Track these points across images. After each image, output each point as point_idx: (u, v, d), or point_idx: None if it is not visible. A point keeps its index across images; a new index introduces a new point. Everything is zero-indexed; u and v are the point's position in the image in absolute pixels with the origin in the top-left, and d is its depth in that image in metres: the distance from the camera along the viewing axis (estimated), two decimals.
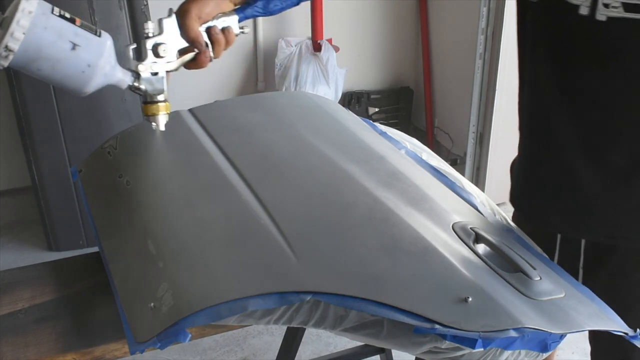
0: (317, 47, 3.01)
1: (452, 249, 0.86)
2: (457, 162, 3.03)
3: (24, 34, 0.67)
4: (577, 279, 1.02)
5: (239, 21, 0.85)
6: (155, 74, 0.82)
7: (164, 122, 0.86)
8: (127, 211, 1.02)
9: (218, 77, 3.10)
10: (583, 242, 1.05)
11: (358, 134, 1.20)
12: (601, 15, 0.85)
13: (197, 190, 1.01)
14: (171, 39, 0.80)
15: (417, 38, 3.38)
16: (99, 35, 0.73)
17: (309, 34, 3.05)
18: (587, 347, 1.13)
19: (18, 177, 2.88)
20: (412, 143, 1.23)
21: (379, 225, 0.91)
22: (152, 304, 0.79)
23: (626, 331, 0.79)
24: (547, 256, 0.95)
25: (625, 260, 1.02)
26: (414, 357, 1.08)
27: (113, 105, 2.53)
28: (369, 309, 0.75)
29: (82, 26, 0.74)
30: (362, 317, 0.80)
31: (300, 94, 1.58)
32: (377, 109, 3.40)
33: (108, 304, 0.95)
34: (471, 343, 0.72)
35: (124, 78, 0.79)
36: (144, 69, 0.81)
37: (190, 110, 1.30)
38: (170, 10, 0.80)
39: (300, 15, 3.06)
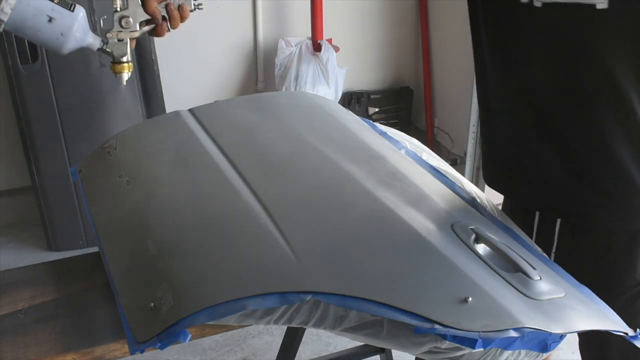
0: (317, 47, 3.01)
1: (452, 249, 0.85)
2: (457, 162, 3.03)
3: (11, 9, 0.89)
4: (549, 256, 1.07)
5: None
6: (121, 40, 1.02)
7: (126, 78, 1.05)
8: (127, 211, 1.02)
9: (218, 77, 3.10)
10: (558, 222, 1.07)
11: (358, 134, 1.20)
12: (537, 1, 0.90)
13: (197, 190, 1.01)
14: (135, 12, 0.99)
15: (417, 38, 3.38)
16: (72, 10, 0.94)
17: (309, 34, 3.05)
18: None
19: (18, 177, 2.88)
20: (412, 143, 1.23)
21: (378, 225, 0.91)
22: (152, 304, 0.79)
23: (626, 331, 0.79)
24: (547, 256, 0.95)
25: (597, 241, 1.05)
26: (414, 357, 1.08)
27: (113, 105, 2.53)
28: (369, 309, 0.75)
29: (58, 3, 0.94)
30: (362, 317, 0.80)
31: (300, 94, 1.58)
32: (377, 109, 3.40)
33: (108, 304, 0.95)
34: (471, 343, 0.72)
35: (94, 42, 0.99)
36: (111, 36, 1.01)
37: (190, 110, 1.30)
38: None
39: (300, 15, 3.06)
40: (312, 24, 3.01)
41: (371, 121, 1.32)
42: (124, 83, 1.06)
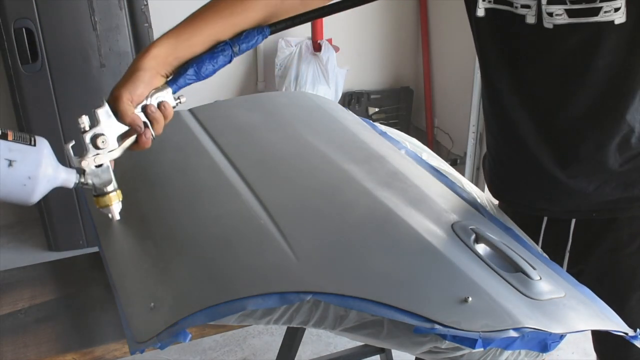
0: (317, 47, 3.01)
1: (452, 249, 0.85)
2: (457, 162, 3.03)
3: None
4: (562, 262, 1.06)
5: (174, 92, 0.85)
6: (100, 165, 0.81)
7: (118, 210, 0.85)
8: (127, 211, 1.02)
9: (218, 77, 3.09)
10: (573, 222, 1.06)
11: (358, 134, 1.20)
12: (548, 23, 0.89)
13: (197, 190, 1.01)
14: (109, 126, 0.79)
15: (417, 38, 3.38)
16: (34, 144, 0.74)
17: (309, 34, 3.05)
18: (587, 347, 1.13)
19: None
20: (412, 143, 1.23)
21: (378, 225, 0.91)
22: (152, 304, 0.79)
23: (626, 331, 0.79)
24: (547, 256, 0.95)
25: (616, 236, 1.03)
26: (414, 357, 1.08)
27: None
28: (369, 309, 0.75)
29: (15, 139, 0.73)
30: (362, 317, 0.80)
31: (300, 94, 1.58)
32: (377, 109, 3.40)
33: (108, 304, 0.95)
34: (471, 343, 0.72)
35: (68, 177, 0.79)
36: (87, 163, 0.80)
37: (190, 110, 1.31)
38: (102, 99, 0.80)
39: None
40: (312, 24, 3.01)
41: (371, 121, 1.32)
42: (117, 217, 0.85)
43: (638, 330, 0.80)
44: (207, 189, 1.01)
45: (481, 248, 0.88)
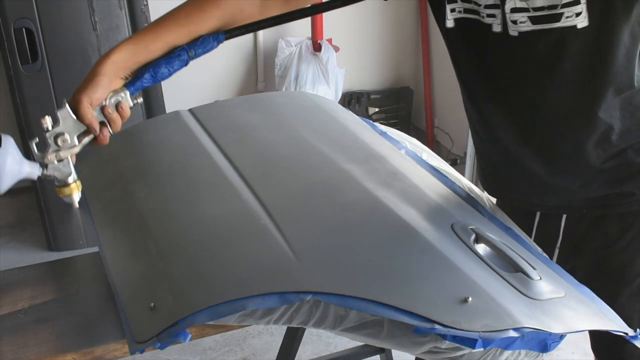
0: (317, 47, 3.01)
1: (452, 249, 0.85)
2: (457, 162, 3.03)
3: None
4: (552, 258, 1.07)
5: (132, 94, 0.91)
6: (61, 160, 0.89)
7: (78, 199, 0.94)
8: (127, 211, 1.02)
9: (218, 77, 3.10)
10: (564, 218, 1.07)
11: (358, 134, 1.20)
12: (513, 31, 0.91)
13: (197, 190, 1.01)
14: (70, 125, 0.87)
15: (417, 38, 3.37)
16: None
17: (309, 34, 3.04)
18: (587, 347, 1.13)
19: None
20: (412, 143, 1.23)
21: (378, 225, 0.91)
22: (152, 304, 0.79)
23: (626, 331, 0.79)
24: (547, 256, 0.95)
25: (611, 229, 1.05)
26: (414, 357, 1.08)
27: None
28: (369, 309, 0.75)
29: None
30: (362, 317, 0.80)
31: (300, 94, 1.58)
32: (377, 109, 3.40)
33: (108, 304, 0.95)
34: (471, 343, 0.72)
35: (32, 171, 0.87)
36: (49, 159, 0.88)
37: (190, 110, 1.31)
38: (63, 101, 0.87)
39: None
40: (312, 24, 3.01)
41: (371, 121, 1.32)
42: (77, 205, 0.93)
43: (638, 330, 0.80)
44: (207, 189, 1.01)
45: (481, 248, 0.88)
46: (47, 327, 0.93)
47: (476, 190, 1.09)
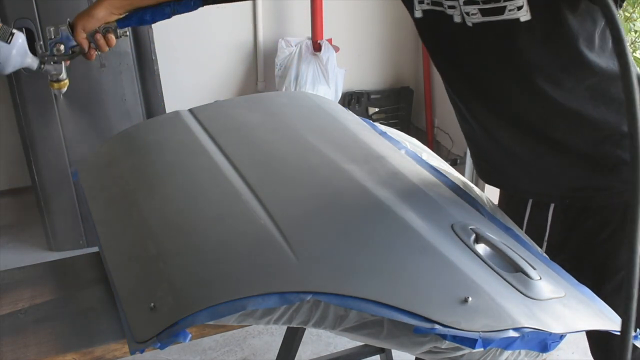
0: (317, 47, 3.00)
1: (452, 249, 0.85)
2: (457, 162, 3.03)
3: None
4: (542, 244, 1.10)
5: (120, 28, 1.13)
6: (56, 62, 1.14)
7: (64, 92, 1.20)
8: (127, 211, 1.02)
9: (218, 77, 3.10)
10: (551, 210, 1.10)
11: (358, 134, 1.20)
12: (468, 22, 0.95)
13: (197, 190, 1.01)
14: (67, 39, 1.13)
15: (417, 38, 3.37)
16: (9, 42, 1.06)
17: (309, 34, 3.04)
18: (587, 347, 1.13)
19: (18, 177, 2.88)
20: (412, 143, 1.23)
21: (378, 225, 0.91)
22: (152, 304, 0.79)
23: None
24: (546, 256, 0.95)
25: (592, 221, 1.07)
26: (414, 357, 1.08)
27: (113, 105, 2.53)
28: (369, 309, 0.75)
29: None
30: (362, 317, 0.80)
31: (300, 94, 1.58)
32: (377, 109, 3.40)
33: (108, 304, 0.95)
34: (471, 343, 0.72)
35: (33, 63, 1.12)
36: (47, 59, 1.14)
37: (190, 110, 1.31)
38: (67, 21, 1.13)
39: (300, 15, 3.06)
40: (312, 24, 3.01)
41: (371, 121, 1.32)
42: (61, 97, 1.23)
43: (638, 330, 0.80)
44: (207, 189, 1.01)
45: (481, 248, 0.88)
46: (47, 327, 0.93)
47: (476, 190, 1.09)
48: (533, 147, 1.04)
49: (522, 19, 0.90)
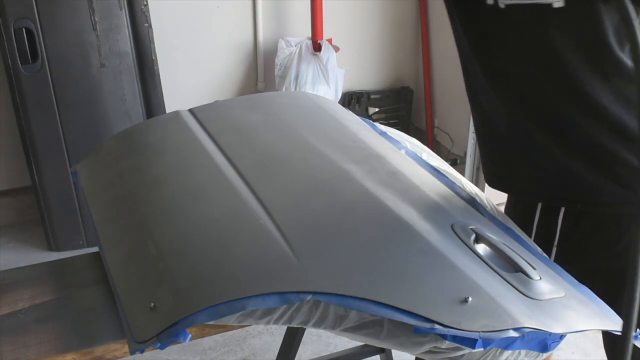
0: (317, 47, 3.00)
1: (452, 249, 0.85)
2: (457, 162, 3.03)
3: None
4: (550, 255, 1.08)
5: None
6: None
7: None
8: (127, 211, 1.02)
9: (218, 77, 3.10)
10: (561, 214, 1.07)
11: (358, 134, 1.20)
12: (501, 3, 0.92)
13: (197, 190, 1.01)
14: None
15: (417, 38, 3.37)
16: None
17: (309, 34, 3.04)
18: (587, 347, 1.13)
19: (18, 177, 2.88)
20: (412, 143, 1.23)
21: (378, 225, 0.91)
22: (152, 304, 0.79)
23: None
24: (547, 256, 0.95)
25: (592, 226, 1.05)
26: (414, 357, 1.08)
27: (113, 105, 2.53)
28: (369, 309, 0.75)
29: None
30: (362, 317, 0.80)
31: (300, 94, 1.58)
32: (377, 109, 3.40)
33: (108, 303, 0.95)
34: (471, 343, 0.72)
35: None
36: None
37: (190, 110, 1.30)
38: None
39: (300, 15, 3.06)
40: (312, 24, 3.01)
41: (371, 121, 1.32)
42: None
43: (638, 330, 0.80)
44: (207, 189, 1.01)
45: (481, 248, 0.88)
46: (47, 327, 0.93)
47: (476, 190, 1.09)
48: (550, 144, 1.01)
49: (555, 5, 0.87)
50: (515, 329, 0.73)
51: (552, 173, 1.04)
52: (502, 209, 1.06)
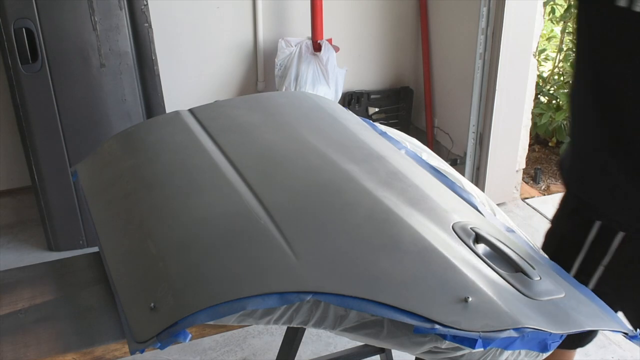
0: (317, 47, 3.00)
1: (452, 249, 0.85)
2: (457, 162, 3.03)
3: None
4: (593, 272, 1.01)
5: None
6: None
7: None
8: (127, 211, 1.02)
9: (218, 77, 3.10)
10: (619, 235, 0.98)
11: (358, 134, 1.20)
12: (636, 7, 0.81)
13: (197, 190, 1.01)
14: None
15: (417, 38, 3.37)
16: None
17: (309, 34, 3.04)
18: (587, 347, 1.12)
19: (18, 177, 2.88)
20: (412, 143, 1.23)
21: (378, 225, 0.91)
22: (152, 304, 0.79)
23: (626, 331, 0.79)
24: (546, 256, 0.95)
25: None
26: (414, 357, 1.08)
27: (113, 105, 2.53)
28: (369, 309, 0.75)
29: None
30: (362, 317, 0.80)
31: (300, 94, 1.58)
32: (377, 109, 3.40)
33: (108, 303, 0.95)
34: (471, 343, 0.72)
35: None
36: None
37: (190, 110, 1.30)
38: None
39: (300, 15, 3.06)
40: (312, 24, 3.01)
41: (371, 121, 1.32)
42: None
43: (638, 330, 0.80)
44: (207, 189, 1.01)
45: (481, 248, 0.88)
46: (47, 327, 0.93)
47: (476, 190, 1.09)
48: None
49: None
50: (515, 329, 0.73)
51: (630, 196, 0.94)
52: (502, 209, 1.06)
